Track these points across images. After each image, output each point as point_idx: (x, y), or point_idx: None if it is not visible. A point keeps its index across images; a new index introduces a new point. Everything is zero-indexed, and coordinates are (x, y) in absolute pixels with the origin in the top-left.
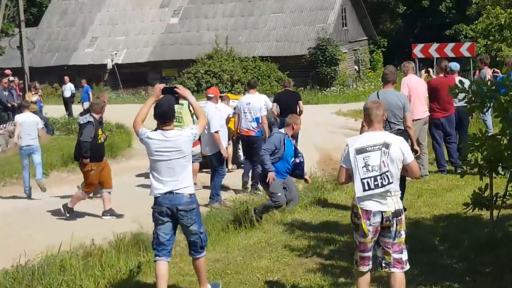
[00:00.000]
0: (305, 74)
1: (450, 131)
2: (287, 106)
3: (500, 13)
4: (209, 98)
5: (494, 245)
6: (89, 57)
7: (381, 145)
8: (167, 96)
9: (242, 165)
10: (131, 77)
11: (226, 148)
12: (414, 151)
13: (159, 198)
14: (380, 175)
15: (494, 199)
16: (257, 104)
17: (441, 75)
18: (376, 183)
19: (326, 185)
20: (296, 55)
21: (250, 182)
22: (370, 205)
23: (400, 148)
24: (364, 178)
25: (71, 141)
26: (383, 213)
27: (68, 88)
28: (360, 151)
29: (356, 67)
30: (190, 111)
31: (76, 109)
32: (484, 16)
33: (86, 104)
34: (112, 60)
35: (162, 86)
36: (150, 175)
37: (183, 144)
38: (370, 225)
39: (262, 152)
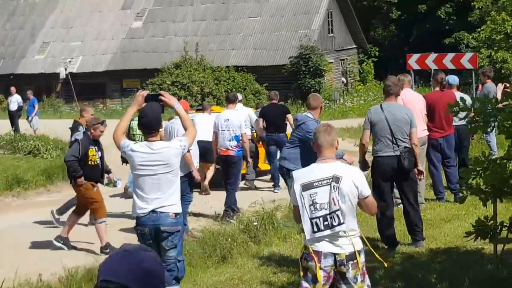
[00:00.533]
0: (286, 87)
1: (448, 153)
2: (274, 121)
3: (507, 20)
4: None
5: (498, 284)
6: (39, 65)
7: (330, 179)
8: (151, 104)
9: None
10: (87, 88)
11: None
12: (419, 172)
13: (142, 218)
14: (330, 214)
15: (499, 228)
16: (237, 120)
17: (437, 89)
18: (326, 223)
19: None
20: (276, 65)
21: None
22: (322, 246)
23: (352, 182)
24: (312, 218)
25: (17, 161)
26: (336, 256)
27: (15, 100)
28: (306, 187)
29: (344, 79)
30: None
31: (23, 124)
32: (488, 23)
33: (35, 120)
34: (65, 69)
35: (145, 93)
36: (133, 193)
37: (171, 157)
38: (321, 268)
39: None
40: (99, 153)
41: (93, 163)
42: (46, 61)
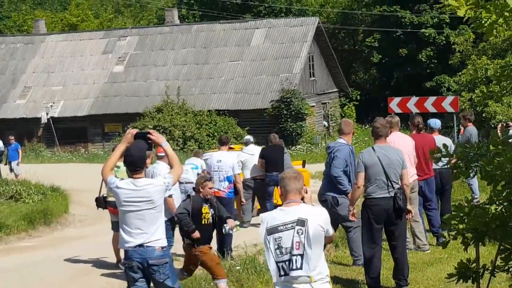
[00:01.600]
0: (267, 130)
1: (430, 196)
2: (273, 162)
3: (487, 64)
4: (159, 158)
5: None
6: (20, 109)
7: (295, 223)
8: (138, 142)
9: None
10: (69, 133)
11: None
12: (407, 211)
13: (129, 252)
14: (295, 257)
15: (482, 271)
16: (229, 161)
17: (414, 132)
18: (291, 267)
19: None
20: (257, 109)
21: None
22: None
23: (318, 224)
24: (278, 262)
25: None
26: None
27: None
28: (270, 231)
29: (325, 123)
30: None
31: (4, 170)
32: (469, 67)
33: (15, 164)
34: (47, 113)
35: (134, 131)
36: (120, 227)
37: (154, 194)
38: None
39: (335, 170)
40: (212, 210)
41: (204, 222)
42: (27, 105)
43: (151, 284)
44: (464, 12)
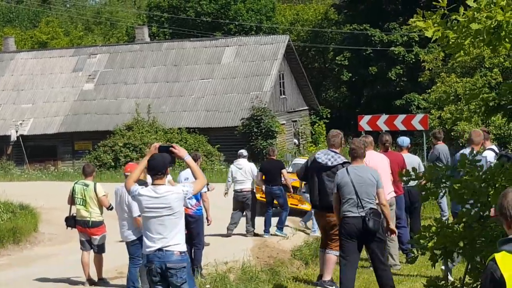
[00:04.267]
0: (238, 148)
1: (399, 213)
2: (271, 175)
3: (456, 82)
4: (127, 177)
5: None
6: None
7: None
8: (162, 154)
9: None
10: (39, 150)
11: None
12: (390, 230)
13: (149, 256)
14: None
15: None
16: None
17: (381, 151)
18: None
19: (261, 275)
20: (228, 127)
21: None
22: None
23: None
24: None
25: None
26: None
27: None
28: None
29: (296, 141)
30: (97, 194)
31: None
32: (438, 84)
33: None
34: (16, 131)
35: (158, 144)
36: (143, 233)
37: (173, 201)
38: None
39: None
40: None
41: None
42: None
43: None
44: (432, 33)
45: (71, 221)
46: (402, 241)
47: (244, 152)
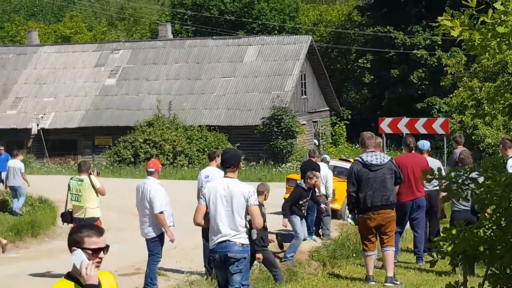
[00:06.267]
0: (258, 147)
1: (417, 216)
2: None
3: (478, 87)
4: (149, 173)
5: None
6: (11, 120)
7: None
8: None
9: None
10: (59, 145)
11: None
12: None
13: (214, 247)
14: None
15: None
16: (217, 177)
17: (406, 152)
18: None
19: None
20: (248, 125)
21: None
22: None
23: None
24: None
25: None
26: None
27: None
28: None
29: (316, 141)
30: (94, 187)
31: None
32: (460, 89)
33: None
34: (37, 125)
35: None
36: (210, 225)
37: (238, 196)
38: None
39: None
40: None
41: None
42: (18, 116)
43: None
44: (459, 33)
45: (67, 217)
46: (416, 244)
47: (327, 157)
